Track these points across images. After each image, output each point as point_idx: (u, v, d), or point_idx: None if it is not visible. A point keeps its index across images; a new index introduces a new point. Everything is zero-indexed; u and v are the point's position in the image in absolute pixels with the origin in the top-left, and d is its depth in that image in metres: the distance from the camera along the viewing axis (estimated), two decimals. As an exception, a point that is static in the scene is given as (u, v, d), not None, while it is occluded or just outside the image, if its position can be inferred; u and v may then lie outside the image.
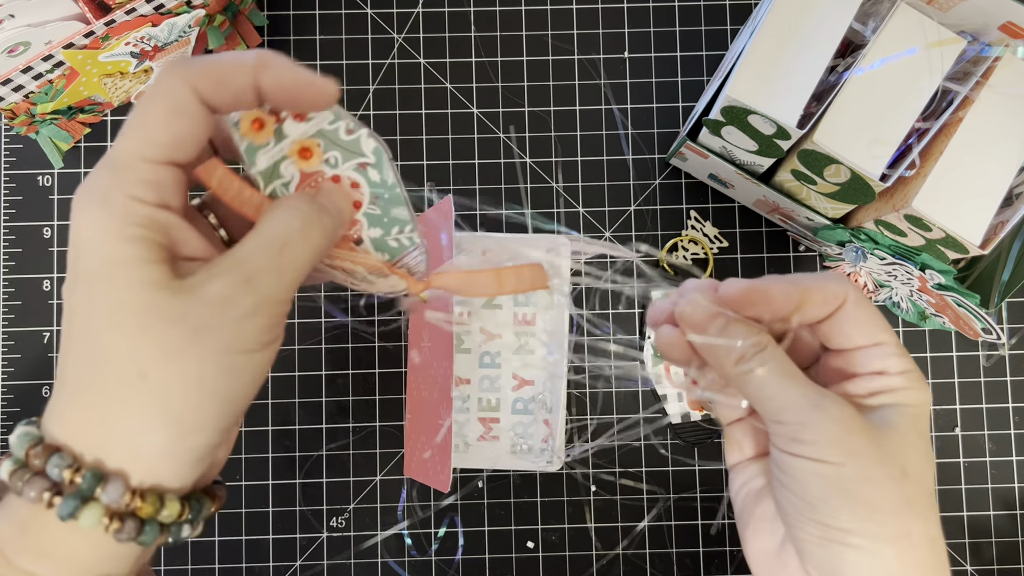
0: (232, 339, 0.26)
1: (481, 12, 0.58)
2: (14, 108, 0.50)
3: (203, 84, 0.27)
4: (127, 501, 0.26)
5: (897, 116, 0.45)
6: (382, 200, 0.32)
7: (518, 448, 0.55)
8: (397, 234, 0.32)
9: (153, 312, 0.26)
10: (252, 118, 0.29)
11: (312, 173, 0.31)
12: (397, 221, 0.32)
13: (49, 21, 0.46)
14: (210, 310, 0.26)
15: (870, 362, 0.33)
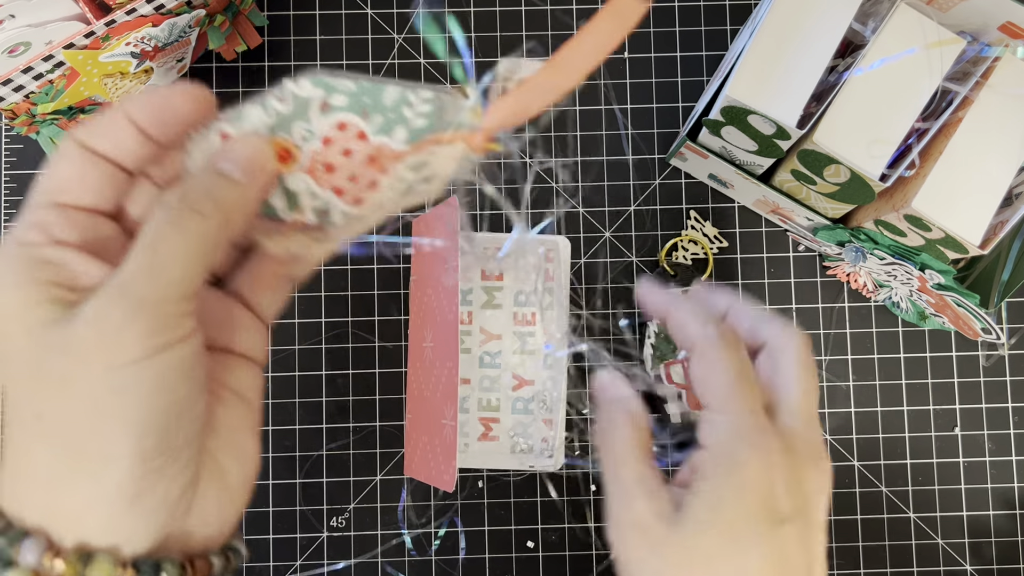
0: (113, 353, 0.25)
1: (481, 12, 0.58)
2: (15, 108, 0.50)
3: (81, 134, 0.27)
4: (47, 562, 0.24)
5: (897, 116, 0.45)
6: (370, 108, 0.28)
7: (518, 448, 0.55)
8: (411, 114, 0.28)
9: (42, 350, 0.25)
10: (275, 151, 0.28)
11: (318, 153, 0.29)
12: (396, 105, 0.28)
13: (49, 21, 0.46)
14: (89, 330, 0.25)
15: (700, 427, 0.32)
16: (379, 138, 0.28)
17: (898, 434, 0.57)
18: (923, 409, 0.57)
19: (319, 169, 0.28)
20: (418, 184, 0.29)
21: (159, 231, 0.26)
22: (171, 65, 0.55)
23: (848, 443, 0.57)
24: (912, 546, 0.56)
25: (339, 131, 0.28)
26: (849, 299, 0.58)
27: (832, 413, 0.57)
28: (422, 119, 0.28)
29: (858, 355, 0.57)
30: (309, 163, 0.28)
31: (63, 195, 0.27)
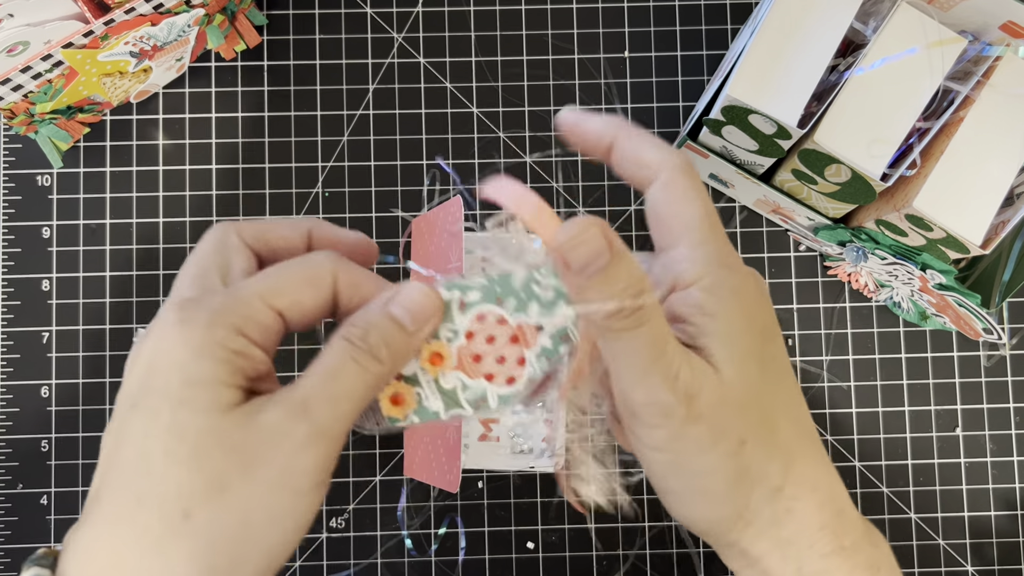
0: (284, 472, 0.25)
1: (481, 12, 0.58)
2: (13, 108, 0.50)
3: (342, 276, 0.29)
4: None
5: (898, 116, 0.45)
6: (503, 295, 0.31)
7: (518, 448, 0.55)
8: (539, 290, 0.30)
9: (212, 438, 0.25)
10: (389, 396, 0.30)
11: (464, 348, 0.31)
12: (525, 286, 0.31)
13: (48, 20, 0.46)
14: (264, 438, 0.25)
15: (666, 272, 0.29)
16: (517, 317, 0.30)
17: (899, 434, 0.57)
18: (924, 409, 0.57)
19: (467, 362, 0.31)
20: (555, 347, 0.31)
21: (342, 364, 0.27)
22: (170, 64, 0.55)
23: (849, 443, 0.57)
24: (913, 547, 0.56)
25: (479, 322, 0.30)
26: (850, 299, 0.57)
27: (833, 413, 0.57)
28: (550, 291, 0.30)
29: (859, 355, 0.57)
30: (457, 359, 0.30)
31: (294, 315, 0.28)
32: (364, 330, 0.28)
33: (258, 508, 0.25)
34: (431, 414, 0.30)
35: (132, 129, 0.57)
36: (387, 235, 0.57)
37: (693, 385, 0.27)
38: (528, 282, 0.31)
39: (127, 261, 0.56)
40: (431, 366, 0.30)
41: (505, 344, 0.31)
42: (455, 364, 0.31)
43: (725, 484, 0.29)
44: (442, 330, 0.31)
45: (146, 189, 0.57)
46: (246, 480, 0.25)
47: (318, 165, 0.57)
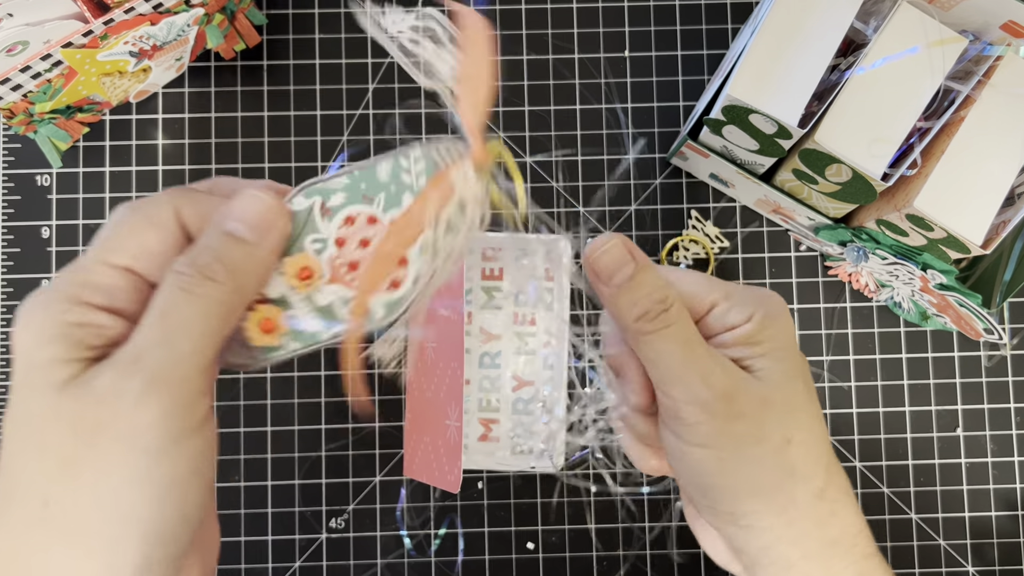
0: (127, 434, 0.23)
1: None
2: (12, 107, 0.50)
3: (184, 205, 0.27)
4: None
5: (899, 115, 0.45)
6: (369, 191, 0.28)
7: (518, 449, 0.55)
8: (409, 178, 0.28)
9: (51, 418, 0.23)
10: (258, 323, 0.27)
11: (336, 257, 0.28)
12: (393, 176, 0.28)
13: (47, 20, 0.46)
14: (99, 404, 0.23)
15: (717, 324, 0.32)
16: (390, 213, 0.28)
17: (900, 435, 0.57)
18: (925, 410, 0.57)
19: (343, 272, 0.28)
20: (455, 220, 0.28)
21: (170, 298, 0.25)
22: (169, 64, 0.55)
23: (850, 444, 0.56)
24: (914, 547, 0.56)
25: (348, 226, 0.28)
26: (851, 299, 0.57)
27: (834, 414, 0.57)
28: (421, 176, 0.28)
29: (860, 355, 0.57)
30: (330, 271, 0.28)
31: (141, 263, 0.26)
32: (194, 254, 0.26)
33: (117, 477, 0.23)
34: (309, 336, 0.27)
35: (131, 129, 0.57)
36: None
37: (730, 385, 0.30)
38: (395, 172, 0.28)
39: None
40: (300, 282, 0.27)
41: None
42: (329, 277, 0.28)
43: (773, 478, 0.30)
44: (307, 241, 0.28)
45: (146, 189, 0.57)
46: (93, 452, 0.23)
47: (318, 165, 0.57)
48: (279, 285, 0.27)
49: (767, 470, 0.30)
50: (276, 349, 0.27)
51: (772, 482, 0.30)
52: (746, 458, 0.30)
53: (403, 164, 0.28)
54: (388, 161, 0.28)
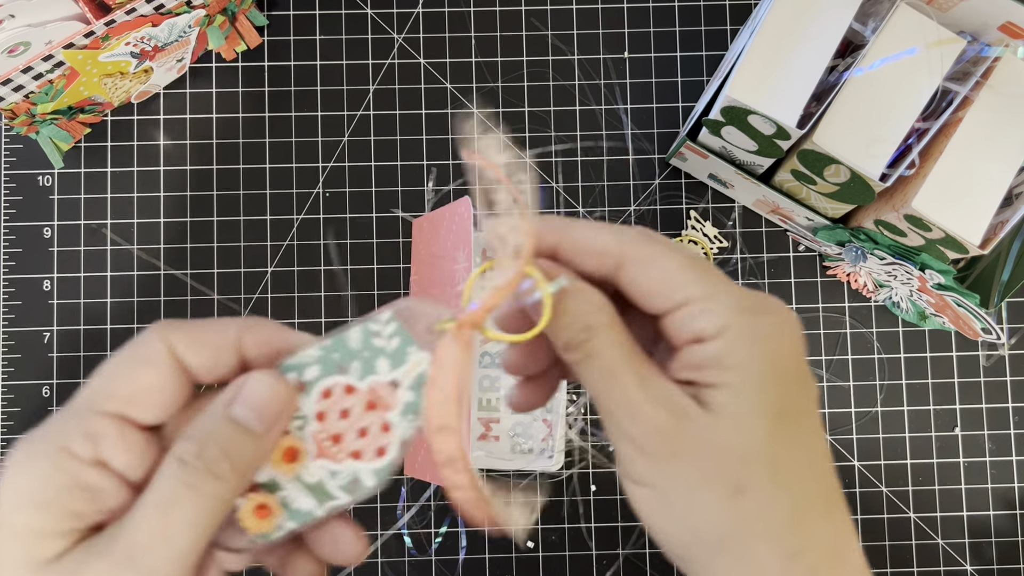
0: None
1: (481, 12, 0.58)
2: (14, 108, 0.50)
3: (178, 337, 0.25)
4: None
5: (897, 116, 0.45)
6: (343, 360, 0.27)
7: (518, 448, 0.55)
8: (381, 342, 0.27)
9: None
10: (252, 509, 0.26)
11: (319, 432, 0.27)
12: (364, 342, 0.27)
13: (49, 21, 0.46)
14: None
15: (680, 330, 0.26)
16: (366, 381, 0.27)
17: (898, 434, 0.57)
18: (923, 409, 0.57)
19: (327, 446, 0.27)
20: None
21: (172, 492, 0.24)
22: (171, 65, 0.55)
23: (848, 443, 0.57)
24: (912, 546, 0.56)
25: (327, 399, 0.27)
26: (849, 299, 0.57)
27: (832, 413, 0.57)
28: (395, 338, 0.27)
29: (858, 355, 0.57)
30: (316, 447, 0.27)
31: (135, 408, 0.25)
32: (200, 444, 0.24)
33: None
34: (304, 515, 0.27)
35: (133, 129, 0.57)
36: (387, 235, 0.57)
37: (663, 421, 0.25)
38: (366, 337, 0.27)
39: (128, 261, 0.56)
40: (287, 465, 0.26)
41: (362, 414, 0.27)
42: (315, 453, 0.27)
43: (725, 530, 0.25)
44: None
45: (147, 189, 0.57)
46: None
47: (319, 165, 0.57)
48: (266, 470, 0.26)
49: (717, 520, 0.25)
50: (271, 533, 0.27)
51: (724, 534, 0.25)
52: (693, 503, 0.25)
53: (372, 328, 0.27)
54: (358, 328, 0.27)
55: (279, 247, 0.57)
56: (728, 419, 0.25)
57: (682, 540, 0.26)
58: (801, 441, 0.26)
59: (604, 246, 0.27)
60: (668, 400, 0.25)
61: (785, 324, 0.26)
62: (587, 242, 0.27)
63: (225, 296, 0.56)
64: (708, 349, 0.25)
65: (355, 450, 0.27)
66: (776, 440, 0.25)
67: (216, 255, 0.57)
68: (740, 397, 0.25)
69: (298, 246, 0.57)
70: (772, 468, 0.25)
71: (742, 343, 0.25)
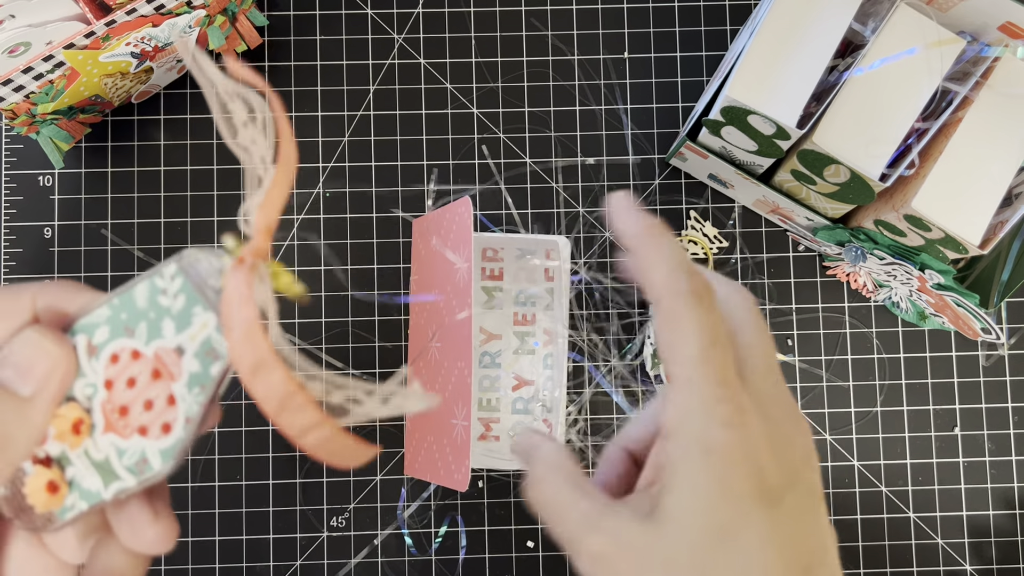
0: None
1: (481, 12, 0.58)
2: (15, 108, 0.50)
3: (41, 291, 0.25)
4: None
5: (896, 116, 0.45)
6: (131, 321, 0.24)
7: (518, 448, 0.55)
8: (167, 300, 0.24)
9: None
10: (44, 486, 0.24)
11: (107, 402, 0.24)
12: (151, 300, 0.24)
13: (50, 21, 0.46)
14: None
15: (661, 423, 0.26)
16: (152, 345, 0.24)
17: (898, 434, 0.57)
18: (923, 409, 0.57)
19: (115, 419, 0.24)
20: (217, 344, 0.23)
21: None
22: (171, 65, 0.55)
23: (848, 443, 0.57)
24: (912, 546, 0.56)
25: (115, 365, 0.24)
26: (849, 299, 0.58)
27: (832, 413, 0.57)
28: (181, 296, 0.24)
29: (858, 355, 0.57)
30: (104, 419, 0.24)
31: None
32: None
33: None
34: (93, 495, 0.24)
35: (133, 129, 0.57)
36: (387, 236, 0.57)
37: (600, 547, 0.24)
38: (153, 294, 0.24)
39: (128, 261, 0.57)
40: (74, 437, 0.24)
41: (148, 383, 0.24)
42: (104, 426, 0.24)
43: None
44: (78, 387, 0.24)
45: (147, 190, 0.57)
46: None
47: (319, 166, 0.57)
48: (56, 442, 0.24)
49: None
50: (66, 511, 0.24)
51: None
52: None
53: (159, 285, 0.24)
54: (144, 283, 0.24)
55: (279, 247, 0.57)
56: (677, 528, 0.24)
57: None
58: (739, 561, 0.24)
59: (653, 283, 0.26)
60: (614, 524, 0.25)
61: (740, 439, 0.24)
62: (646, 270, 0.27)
63: (225, 296, 0.56)
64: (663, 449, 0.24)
65: (141, 425, 0.24)
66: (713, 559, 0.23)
67: (216, 255, 0.57)
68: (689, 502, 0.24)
69: (298, 246, 0.57)
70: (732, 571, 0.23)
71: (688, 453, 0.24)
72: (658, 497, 0.24)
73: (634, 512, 0.25)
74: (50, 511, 0.24)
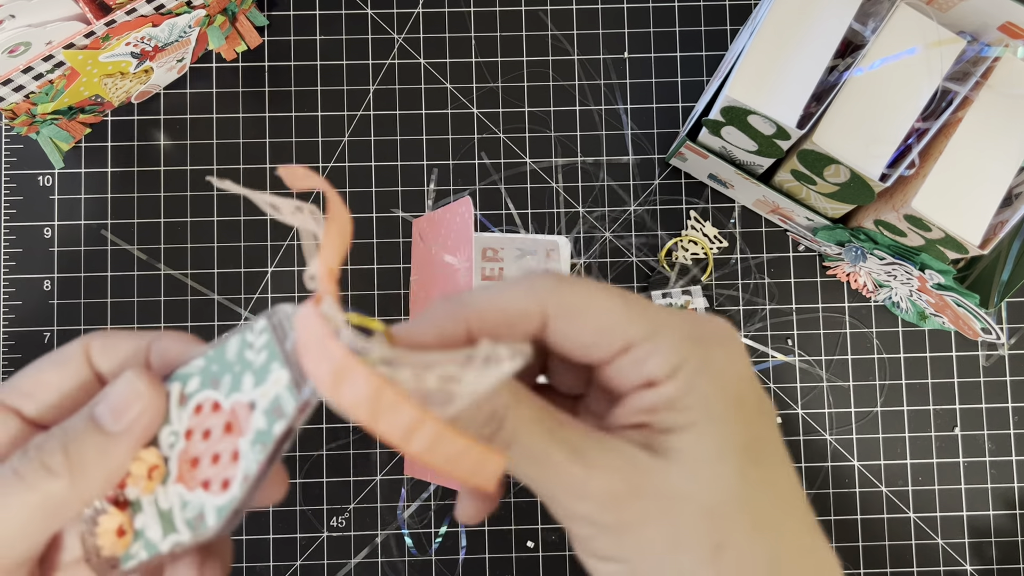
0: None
1: (481, 12, 0.58)
2: (15, 108, 0.50)
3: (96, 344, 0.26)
4: None
5: (897, 116, 0.45)
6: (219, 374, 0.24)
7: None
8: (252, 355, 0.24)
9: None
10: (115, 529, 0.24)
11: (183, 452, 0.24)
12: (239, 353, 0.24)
13: (49, 21, 0.46)
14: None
15: (627, 377, 0.24)
16: (231, 399, 0.23)
17: (898, 434, 0.57)
18: (923, 409, 0.57)
19: (186, 470, 0.24)
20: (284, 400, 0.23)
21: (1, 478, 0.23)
22: (171, 65, 0.55)
23: (848, 443, 0.57)
24: (912, 546, 0.56)
25: (197, 416, 0.24)
26: (849, 299, 0.58)
27: (832, 413, 0.57)
28: (264, 351, 0.23)
29: (858, 355, 0.57)
30: (177, 469, 0.24)
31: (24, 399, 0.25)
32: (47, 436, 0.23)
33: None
34: (153, 546, 0.24)
35: (133, 130, 0.57)
36: (388, 236, 0.57)
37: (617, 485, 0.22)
38: (242, 348, 0.24)
39: (128, 261, 0.57)
40: (148, 482, 0.24)
41: (220, 436, 0.23)
42: (176, 476, 0.24)
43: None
44: (164, 435, 0.24)
45: (147, 190, 0.57)
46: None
47: (319, 166, 0.57)
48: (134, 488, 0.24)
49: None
50: (129, 558, 0.24)
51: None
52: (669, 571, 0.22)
53: (248, 339, 0.24)
54: (236, 338, 0.24)
55: (279, 247, 0.57)
56: (692, 465, 0.22)
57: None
58: (773, 476, 0.24)
59: (521, 309, 0.23)
60: (614, 462, 0.23)
61: (735, 351, 0.24)
62: (498, 313, 0.23)
63: (225, 296, 0.56)
64: (662, 392, 0.23)
65: (206, 479, 0.23)
66: (748, 481, 0.23)
67: (216, 255, 0.57)
68: (704, 439, 0.23)
69: (298, 246, 0.57)
70: (750, 515, 0.23)
71: (698, 381, 0.23)
72: (667, 439, 0.23)
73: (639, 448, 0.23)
74: (115, 555, 0.24)
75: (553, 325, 0.24)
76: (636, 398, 0.24)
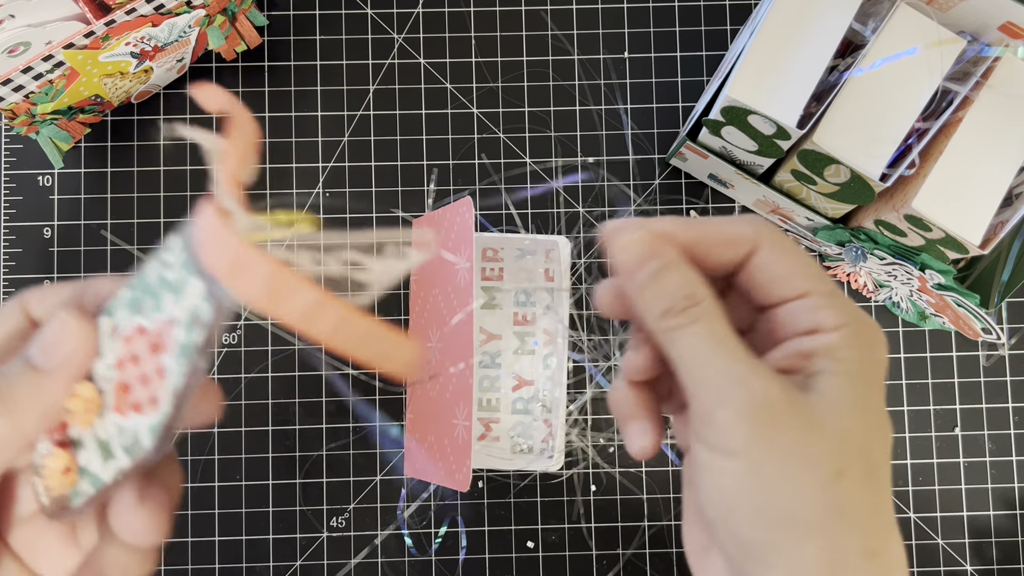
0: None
1: (481, 12, 0.58)
2: (14, 108, 0.50)
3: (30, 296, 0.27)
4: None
5: (897, 116, 0.45)
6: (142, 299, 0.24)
7: (518, 448, 0.55)
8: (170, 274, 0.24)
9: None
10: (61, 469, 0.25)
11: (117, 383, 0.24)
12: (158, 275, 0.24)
13: (49, 21, 0.46)
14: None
15: (796, 320, 0.27)
16: (154, 320, 0.23)
17: (898, 434, 0.57)
18: (923, 409, 0.57)
19: (120, 397, 0.24)
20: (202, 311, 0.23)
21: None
22: (171, 65, 0.55)
23: (848, 443, 0.57)
24: (912, 546, 0.56)
25: (127, 345, 0.24)
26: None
27: (832, 413, 0.57)
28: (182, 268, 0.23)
29: (858, 355, 0.57)
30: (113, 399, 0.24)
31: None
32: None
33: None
34: (98, 479, 0.24)
35: (133, 129, 0.57)
36: (387, 235, 0.57)
37: (772, 393, 0.25)
38: (160, 269, 0.24)
39: (128, 261, 0.57)
40: (87, 415, 0.24)
41: (147, 358, 0.24)
42: (112, 406, 0.24)
43: (817, 514, 0.24)
44: (99, 368, 0.25)
45: (147, 190, 0.57)
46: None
47: (319, 165, 0.57)
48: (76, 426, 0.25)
49: (810, 502, 0.24)
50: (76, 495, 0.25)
51: (815, 519, 0.24)
52: (786, 479, 0.25)
53: (165, 259, 0.24)
54: (155, 261, 0.24)
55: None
56: (836, 403, 0.25)
57: (767, 519, 0.25)
58: (884, 442, 0.27)
59: (741, 233, 0.28)
60: (774, 376, 0.26)
61: (884, 341, 0.28)
62: (723, 233, 0.28)
63: (225, 296, 0.56)
64: (824, 339, 0.26)
65: (136, 402, 0.24)
66: (870, 435, 0.26)
67: (216, 255, 0.57)
68: (849, 388, 0.26)
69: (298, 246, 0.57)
70: (867, 459, 0.26)
71: (857, 342, 0.26)
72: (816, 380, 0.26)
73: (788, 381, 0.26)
74: (63, 494, 0.24)
75: (759, 254, 0.28)
76: (795, 343, 0.27)
